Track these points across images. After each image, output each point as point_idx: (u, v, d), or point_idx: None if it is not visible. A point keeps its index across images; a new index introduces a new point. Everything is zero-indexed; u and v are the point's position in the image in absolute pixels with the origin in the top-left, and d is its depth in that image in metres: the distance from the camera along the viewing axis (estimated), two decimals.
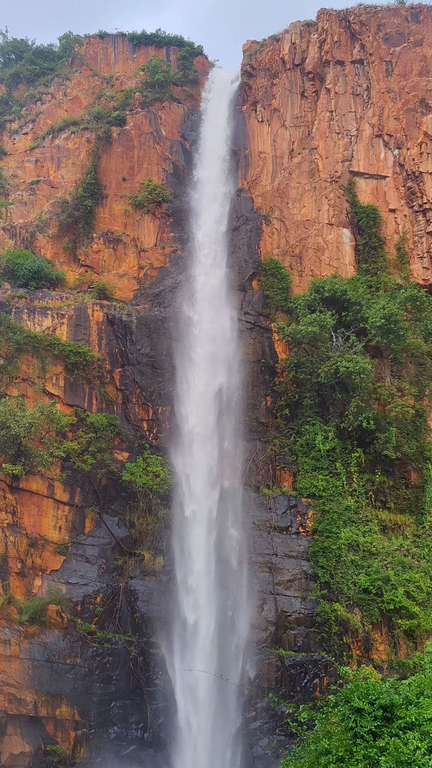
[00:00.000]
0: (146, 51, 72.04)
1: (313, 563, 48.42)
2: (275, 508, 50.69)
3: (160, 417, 52.70)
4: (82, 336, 52.85)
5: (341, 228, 59.41)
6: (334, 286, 54.79)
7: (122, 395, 52.76)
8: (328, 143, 60.73)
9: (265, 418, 53.96)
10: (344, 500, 50.30)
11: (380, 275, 57.39)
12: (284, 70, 63.60)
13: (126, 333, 53.77)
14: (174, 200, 61.52)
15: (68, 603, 46.75)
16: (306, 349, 54.23)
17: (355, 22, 61.79)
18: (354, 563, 47.87)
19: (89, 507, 49.82)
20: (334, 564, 47.92)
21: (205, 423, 52.10)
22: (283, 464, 52.57)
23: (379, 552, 48.22)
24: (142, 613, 47.26)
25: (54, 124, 65.63)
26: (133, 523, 49.71)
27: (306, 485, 51.03)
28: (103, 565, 48.62)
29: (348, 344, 53.48)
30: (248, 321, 56.09)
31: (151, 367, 53.57)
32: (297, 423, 53.62)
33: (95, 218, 59.89)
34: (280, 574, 48.21)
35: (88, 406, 51.65)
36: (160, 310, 55.69)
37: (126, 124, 63.43)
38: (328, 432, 52.18)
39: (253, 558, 48.51)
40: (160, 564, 48.59)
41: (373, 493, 51.38)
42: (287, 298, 57.22)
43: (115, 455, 51.04)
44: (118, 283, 58.26)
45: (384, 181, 59.77)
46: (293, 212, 60.11)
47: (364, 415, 50.40)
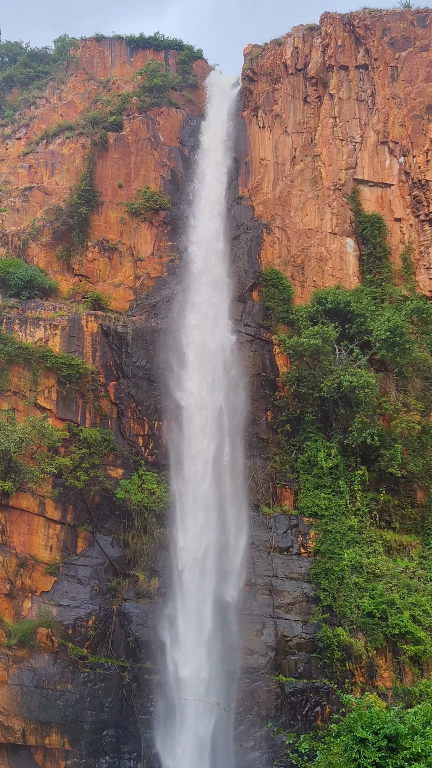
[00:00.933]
0: (144, 54, 72.50)
1: (314, 585, 48.08)
2: (275, 527, 50.41)
3: (156, 432, 52.51)
4: (76, 348, 52.74)
5: (345, 237, 59.49)
6: (337, 298, 54.79)
7: (117, 409, 52.58)
8: (331, 150, 60.93)
9: (265, 434, 53.78)
10: (347, 520, 50.04)
11: (385, 286, 57.41)
12: (286, 74, 63.91)
13: (121, 345, 53.67)
14: (172, 208, 61.64)
15: (59, 626, 46.34)
16: (308, 363, 54.09)
17: (359, 26, 62.17)
18: (357, 586, 47.56)
19: (82, 526, 49.50)
20: (337, 586, 47.59)
21: (203, 439, 51.85)
22: (284, 482, 52.35)
23: (383, 574, 47.92)
24: (136, 637, 46.87)
25: (48, 129, 65.82)
26: (127, 542, 49.38)
27: (308, 504, 50.79)
28: (95, 586, 48.26)
29: (352, 357, 53.39)
30: (248, 333, 56.03)
31: (147, 381, 53.42)
32: (298, 439, 53.43)
33: (90, 226, 59.95)
34: (281, 597, 47.88)
35: (81, 420, 51.44)
36: (156, 321, 55.63)
37: (123, 130, 63.64)
38: (330, 449, 51.99)
39: (252, 580, 48.17)
40: (155, 585, 48.25)
41: (377, 512, 51.14)
42: (289, 309, 57.19)
43: (109, 472, 50.80)
44: (113, 293, 58.21)
45: (389, 190, 59.91)
46: (295, 221, 60.19)
47: (368, 432, 50.24)
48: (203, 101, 68.84)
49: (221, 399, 52.94)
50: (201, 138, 64.90)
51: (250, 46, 68.23)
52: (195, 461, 51.57)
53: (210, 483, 50.72)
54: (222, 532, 49.28)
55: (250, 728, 44.79)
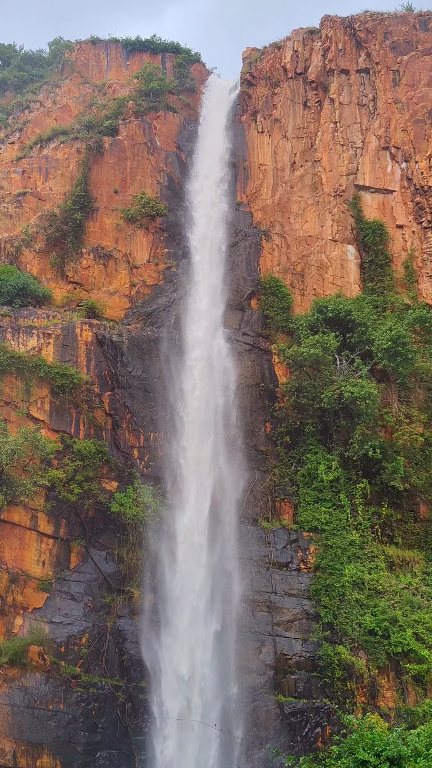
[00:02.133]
0: (140, 58, 72.90)
1: (314, 602, 47.92)
2: (274, 542, 50.28)
3: (152, 444, 52.44)
4: (70, 357, 52.72)
5: (346, 245, 59.62)
6: (338, 306, 54.88)
7: (112, 420, 52.53)
8: (332, 155, 61.15)
9: (264, 446, 53.74)
10: (349, 534, 49.92)
11: (387, 295, 57.51)
12: (286, 78, 64.23)
13: (116, 354, 53.67)
14: (169, 214, 61.77)
15: (51, 644, 46.13)
16: (308, 373, 54.06)
17: (360, 30, 62.52)
18: (359, 602, 47.40)
19: (75, 540, 49.36)
20: (338, 603, 47.43)
21: (200, 451, 51.83)
22: (284, 495, 52.26)
23: (385, 590, 47.77)
24: (130, 655, 46.66)
25: (42, 133, 66.02)
26: (122, 557, 49.23)
27: (308, 518, 50.69)
28: (89, 602, 48.09)
29: (353, 368, 53.40)
30: (247, 342, 56.07)
31: (142, 391, 53.38)
32: (298, 451, 53.39)
33: (85, 232, 60.02)
34: (280, 614, 47.70)
35: (75, 432, 51.37)
36: (153, 330, 55.66)
37: (118, 134, 63.83)
38: (331, 461, 51.92)
39: (250, 596, 48.00)
40: (150, 602, 48.08)
41: (379, 527, 51.03)
42: (288, 318, 57.29)
43: (104, 485, 50.69)
44: (108, 301, 58.23)
45: (391, 196, 60.11)
46: (295, 228, 60.35)
47: (369, 444, 50.20)
48: (201, 105, 69.12)
49: (219, 410, 52.94)
50: (198, 143, 65.13)
51: (249, 50, 68.60)
52: (191, 474, 51.45)
53: (207, 496, 50.59)
54: (219, 546, 49.10)
55: (249, 750, 44.55)
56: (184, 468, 51.61)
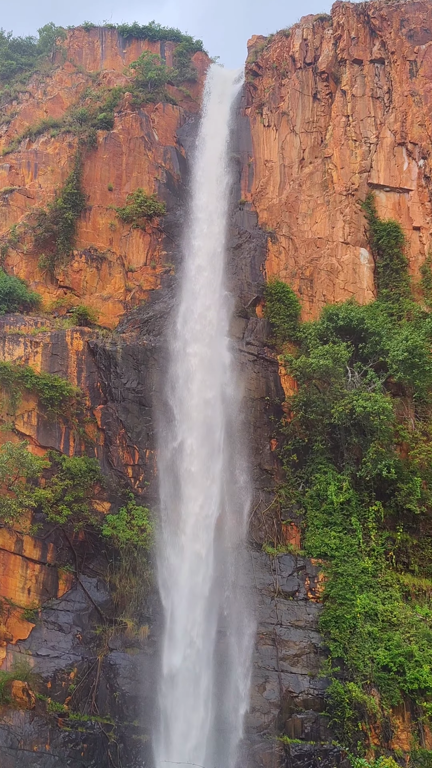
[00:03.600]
0: (138, 46, 73.19)
1: (323, 635, 47.61)
2: (280, 569, 50.00)
3: (148, 462, 52.21)
4: (59, 367, 52.57)
5: (358, 247, 59.58)
6: (349, 314, 54.81)
7: (104, 436, 52.33)
8: (343, 151, 61.20)
9: (269, 465, 53.51)
10: (360, 561, 49.68)
11: (403, 302, 57.43)
12: (294, 69, 64.43)
13: (110, 365, 53.52)
14: (167, 214, 61.79)
15: (37, 679, 45.77)
16: (317, 386, 53.94)
17: (374, 17, 62.72)
18: (372, 635, 47.11)
19: (63, 566, 49.09)
20: (349, 636, 47.14)
21: (199, 470, 51.59)
22: (290, 518, 52.03)
23: (400, 622, 47.48)
24: (123, 691, 46.26)
25: (31, 126, 66.14)
26: (114, 585, 48.97)
27: (316, 543, 50.45)
28: (78, 634, 47.78)
29: (366, 380, 53.27)
30: (251, 352, 55.94)
31: (137, 404, 53.22)
32: (306, 470, 53.19)
33: (76, 233, 60.00)
34: (286, 648, 47.37)
35: (64, 448, 51.17)
36: (149, 338, 55.55)
37: (114, 128, 63.93)
38: (342, 481, 51.73)
39: (253, 628, 47.62)
40: (145, 634, 47.81)
41: (394, 553, 50.76)
42: (296, 326, 57.24)
43: (95, 506, 50.47)
44: (101, 307, 58.16)
45: (407, 195, 60.10)
46: (303, 229, 60.34)
47: (383, 463, 49.99)
48: (202, 97, 69.29)
49: (220, 425, 52.74)
50: (200, 137, 65.28)
51: (254, 38, 68.85)
52: (190, 494, 51.25)
53: (207, 519, 50.37)
54: (220, 574, 48.82)
55: None
56: (182, 488, 51.33)
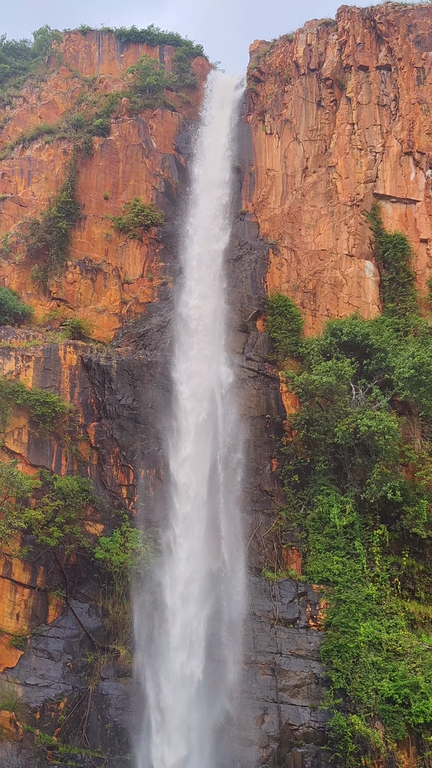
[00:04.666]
0: (136, 50, 73.55)
1: (325, 665, 47.35)
2: (280, 595, 49.82)
3: (143, 482, 52.10)
4: (52, 383, 52.51)
5: (363, 260, 59.65)
6: (354, 329, 54.82)
7: (97, 455, 52.24)
8: (348, 161, 61.37)
9: (269, 486, 53.42)
10: (364, 588, 49.49)
11: (409, 317, 57.48)
12: (298, 75, 64.71)
13: (104, 380, 53.48)
14: (165, 224, 61.91)
15: (25, 709, 45.51)
16: (320, 404, 53.90)
17: (381, 22, 63.03)
18: (375, 666, 46.86)
19: (54, 590, 48.93)
20: (352, 666, 46.90)
21: (196, 490, 51.51)
22: (291, 542, 51.92)
23: (406, 652, 47.25)
24: (115, 723, 46.02)
25: (25, 132, 66.37)
26: (106, 611, 48.81)
27: (318, 568, 50.29)
28: (68, 662, 47.57)
29: (370, 398, 53.22)
30: (251, 368, 55.92)
31: (132, 422, 53.14)
32: (308, 492, 53.10)
33: (71, 243, 60.11)
34: (286, 678, 47.09)
35: (56, 467, 51.05)
36: (145, 353, 55.54)
37: (110, 134, 64.14)
38: (345, 504, 51.64)
39: (252, 657, 47.44)
40: (138, 662, 47.52)
41: (399, 579, 50.60)
42: (298, 341, 57.28)
43: (87, 528, 50.32)
44: (96, 320, 58.17)
45: (414, 207, 60.26)
46: (306, 240, 60.43)
47: (389, 484, 49.89)
48: (202, 103, 69.56)
49: (219, 445, 52.64)
50: (199, 145, 65.51)
51: (256, 43, 69.22)
52: (187, 516, 51.17)
53: (204, 542, 50.32)
54: (217, 600, 48.62)
55: None
56: (178, 510, 51.21)
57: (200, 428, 53.22)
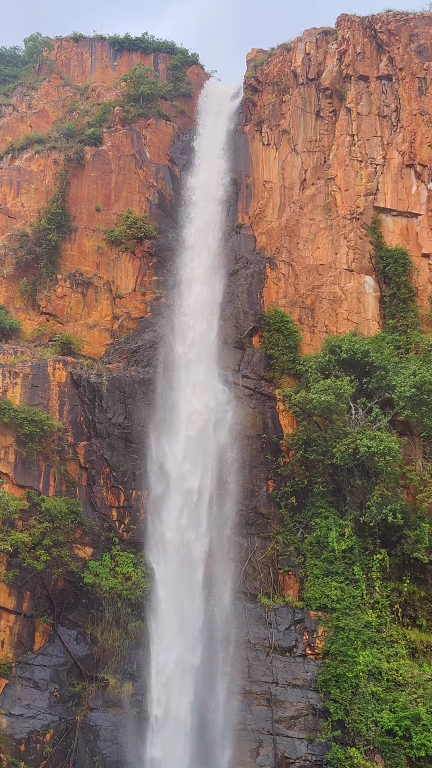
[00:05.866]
0: (130, 58, 73.92)
1: (323, 695, 47.20)
2: (276, 622, 49.71)
3: (134, 504, 52.03)
4: (40, 400, 52.48)
5: (363, 275, 59.86)
6: (353, 346, 54.91)
7: (87, 475, 52.17)
8: (348, 173, 61.68)
9: (265, 508, 53.37)
10: (364, 615, 49.42)
11: (410, 333, 57.63)
12: (296, 84, 65.11)
13: (94, 398, 53.46)
14: (158, 236, 62.06)
15: (9, 741, 45.21)
16: (318, 423, 53.98)
17: (382, 31, 63.50)
18: (375, 696, 46.74)
19: (41, 616, 48.74)
20: (350, 697, 46.74)
21: (190, 513, 51.48)
22: (288, 567, 51.83)
23: (407, 682, 47.14)
24: (103, 755, 45.73)
25: (14, 141, 66.53)
26: (95, 638, 48.59)
27: (315, 594, 50.19)
28: (55, 692, 47.33)
29: (370, 418, 53.29)
30: (247, 386, 55.97)
31: (124, 441, 53.10)
32: (305, 515, 53.08)
33: (61, 256, 60.21)
34: (282, 709, 46.93)
35: (43, 488, 50.94)
36: (137, 370, 55.56)
37: (102, 144, 64.37)
38: (344, 527, 51.62)
39: (246, 687, 47.31)
40: (128, 692, 47.40)
41: (400, 606, 50.51)
42: (295, 358, 57.36)
43: (76, 551, 50.20)
44: (86, 335, 58.18)
45: (416, 220, 60.54)
46: (304, 255, 60.63)
47: (389, 507, 49.89)
48: (198, 113, 69.89)
49: (213, 465, 52.63)
50: (195, 155, 65.64)
51: (254, 51, 69.59)
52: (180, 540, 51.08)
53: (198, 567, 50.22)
54: (211, 627, 48.48)
55: None
56: (171, 532, 51.09)
57: (194, 448, 53.16)
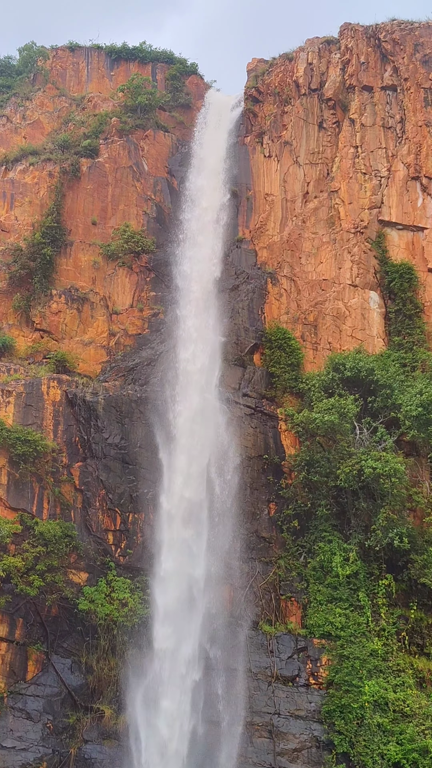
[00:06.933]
0: (127, 68, 74.35)
1: (327, 726, 46.94)
2: (278, 650, 49.51)
3: (131, 527, 51.89)
4: (34, 420, 52.44)
5: (367, 291, 59.90)
6: (357, 364, 54.92)
7: (82, 497, 52.07)
8: (351, 185, 61.83)
9: (267, 532, 53.28)
10: (369, 643, 49.21)
11: (417, 351, 57.64)
12: (298, 95, 65.35)
13: (90, 417, 53.41)
14: (156, 251, 62.15)
15: None
16: (321, 444, 53.92)
17: (386, 41, 63.81)
18: (381, 728, 46.46)
19: (34, 644, 48.57)
20: (356, 728, 46.48)
21: (188, 536, 51.42)
22: (290, 593, 51.69)
23: (414, 713, 46.88)
24: None
25: (8, 153, 66.79)
26: (90, 667, 48.42)
27: (319, 621, 50.00)
28: (49, 723, 47.10)
29: (375, 438, 53.23)
30: (248, 405, 55.95)
31: (120, 462, 53.02)
32: (309, 539, 52.94)
33: (56, 271, 60.31)
34: (284, 741, 46.68)
35: (37, 510, 50.85)
36: (134, 388, 55.53)
37: (99, 156, 64.59)
38: (348, 552, 51.49)
39: (248, 718, 47.03)
40: (124, 723, 47.15)
41: (406, 633, 50.29)
42: (298, 377, 57.39)
43: (71, 576, 50.09)
44: (82, 353, 58.23)
45: (422, 234, 60.64)
46: (307, 269, 60.70)
47: (395, 531, 49.76)
48: (197, 124, 70.10)
49: (212, 487, 52.60)
50: (194, 167, 65.90)
51: (254, 61, 69.91)
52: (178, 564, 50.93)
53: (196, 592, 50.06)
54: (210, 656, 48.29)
55: None
56: (169, 557, 50.95)
57: (192, 470, 53.08)
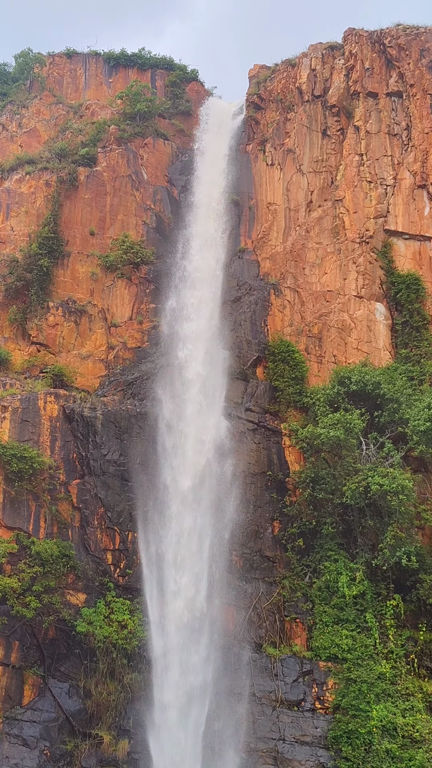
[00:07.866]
0: (126, 74, 74.62)
1: (333, 753, 46.70)
2: (283, 674, 49.30)
3: (130, 547, 51.78)
4: (30, 436, 52.33)
5: (373, 302, 59.89)
6: (363, 377, 54.90)
7: (80, 516, 51.93)
8: (357, 194, 61.89)
9: (271, 551, 53.17)
10: (377, 665, 49.04)
11: (424, 364, 57.61)
12: (301, 102, 65.51)
13: (88, 433, 53.32)
14: (156, 262, 62.21)
15: None
16: (326, 459, 53.83)
17: (391, 46, 63.98)
18: (390, 754, 46.20)
19: (30, 668, 48.31)
20: (363, 755, 46.24)
21: (190, 556, 51.29)
22: (295, 614, 51.55)
23: (424, 738, 46.65)
24: None
25: (4, 162, 67.01)
26: (89, 691, 48.15)
27: (325, 644, 49.86)
28: (46, 749, 46.77)
29: (382, 454, 53.18)
30: (250, 420, 55.91)
31: (119, 479, 52.91)
32: (314, 558, 52.87)
33: (53, 282, 60.33)
34: None
35: (33, 529, 50.67)
36: (134, 403, 55.49)
37: (97, 165, 64.71)
38: (355, 571, 51.42)
39: (251, 744, 46.82)
40: (124, 750, 46.91)
41: (416, 655, 50.13)
42: (302, 391, 57.38)
43: (68, 597, 49.90)
44: (79, 366, 58.22)
45: (429, 244, 60.70)
46: (311, 280, 60.72)
47: (403, 550, 49.62)
48: (198, 132, 70.26)
49: (214, 505, 52.51)
50: (194, 176, 66.05)
51: (256, 67, 70.16)
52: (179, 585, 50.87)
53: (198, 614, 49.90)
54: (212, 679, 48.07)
55: None
56: (169, 577, 50.86)
57: (194, 486, 53.03)
